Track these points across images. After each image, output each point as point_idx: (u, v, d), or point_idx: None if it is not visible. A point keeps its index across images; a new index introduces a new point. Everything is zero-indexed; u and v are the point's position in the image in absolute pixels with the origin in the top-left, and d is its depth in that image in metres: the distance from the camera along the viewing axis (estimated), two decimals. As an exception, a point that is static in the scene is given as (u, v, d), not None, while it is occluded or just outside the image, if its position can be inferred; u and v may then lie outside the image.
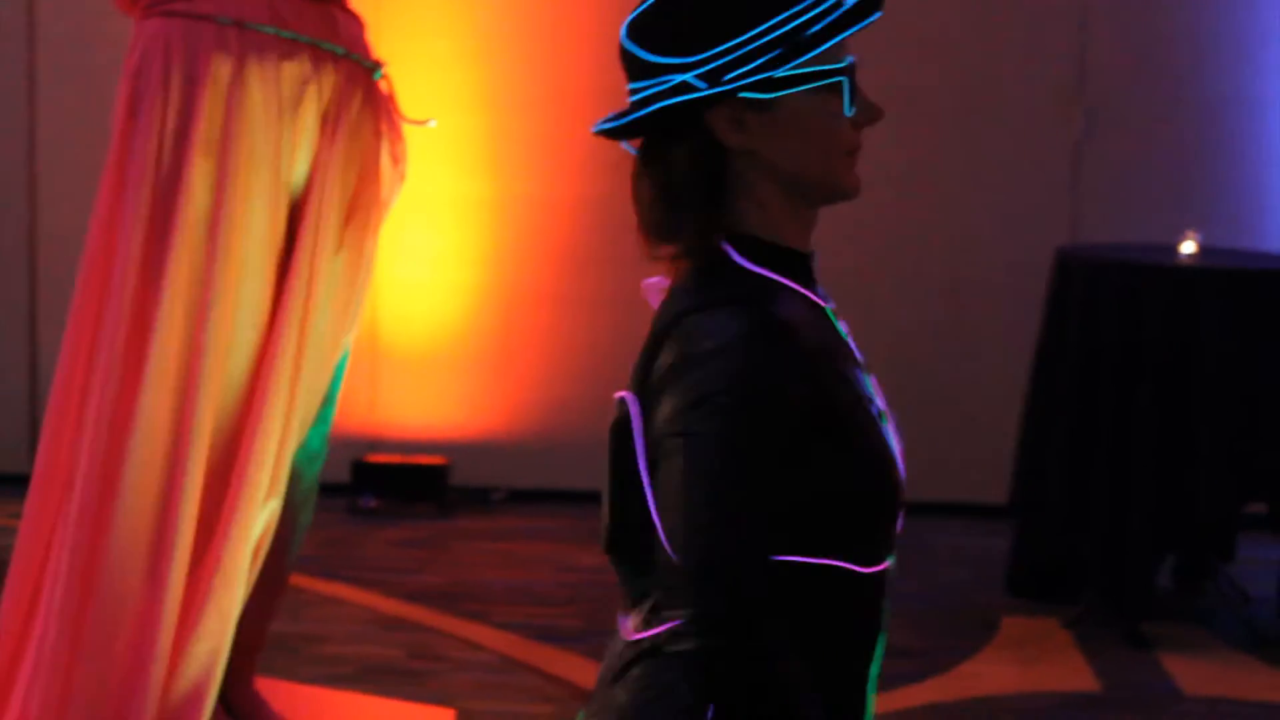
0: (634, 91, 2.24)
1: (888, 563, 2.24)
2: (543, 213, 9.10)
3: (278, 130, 4.24)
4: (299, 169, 4.31)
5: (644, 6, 2.24)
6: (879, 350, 9.47)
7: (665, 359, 2.16)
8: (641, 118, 2.21)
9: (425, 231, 8.75)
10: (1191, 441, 7.04)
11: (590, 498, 7.46)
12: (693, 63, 2.17)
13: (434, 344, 9.04)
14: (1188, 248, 7.48)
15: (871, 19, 2.23)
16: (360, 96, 4.36)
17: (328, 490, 5.01)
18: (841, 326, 2.34)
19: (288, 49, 4.23)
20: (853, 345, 2.36)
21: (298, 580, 4.38)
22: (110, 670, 4.15)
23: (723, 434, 2.10)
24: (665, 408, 2.12)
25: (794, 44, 2.16)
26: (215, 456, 4.26)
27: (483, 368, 9.02)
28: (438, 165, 8.54)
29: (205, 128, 4.17)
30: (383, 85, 4.43)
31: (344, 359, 4.58)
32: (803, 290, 2.27)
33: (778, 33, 2.16)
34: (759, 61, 2.16)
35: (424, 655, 6.89)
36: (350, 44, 4.34)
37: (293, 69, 4.23)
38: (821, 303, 2.31)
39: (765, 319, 2.15)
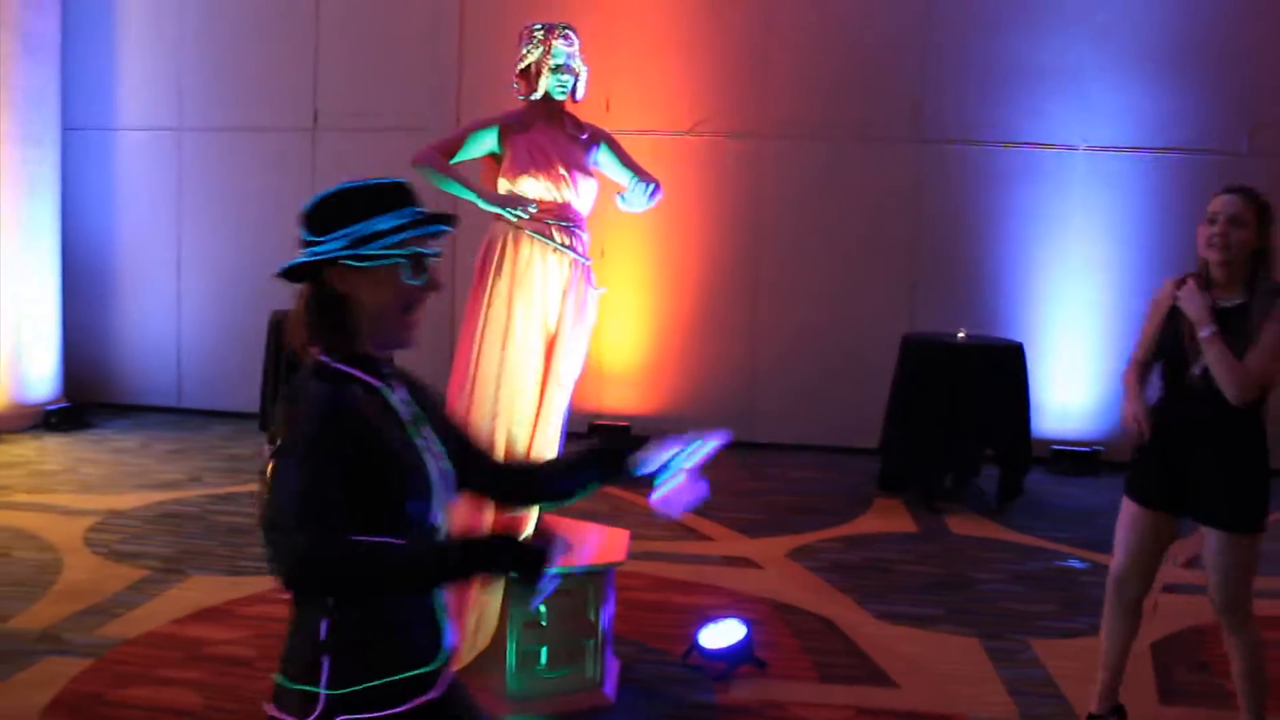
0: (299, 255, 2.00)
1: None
2: (680, 287, 9.00)
3: (544, 285, 4.00)
4: (554, 305, 4.05)
5: (311, 203, 2.01)
6: (804, 375, 9.11)
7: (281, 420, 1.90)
8: (296, 268, 1.99)
9: (617, 310, 8.58)
10: (960, 423, 7.13)
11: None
12: (321, 240, 1.96)
13: (624, 370, 8.96)
14: (960, 334, 7.53)
15: (433, 230, 2.00)
16: (581, 272, 4.08)
17: (582, 436, 4.77)
18: (394, 397, 2.05)
19: (553, 248, 4.00)
20: (401, 409, 2.05)
21: None
22: (471, 503, 3.68)
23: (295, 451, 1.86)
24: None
25: (385, 236, 1.94)
26: (523, 423, 4.06)
27: (646, 380, 9.07)
28: (614, 278, 8.80)
29: (509, 275, 3.99)
30: (590, 267, 4.13)
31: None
32: (366, 378, 2.00)
33: (384, 227, 1.94)
34: (366, 246, 1.94)
35: (619, 509, 6.82)
36: (576, 247, 4.05)
37: (555, 257, 4.00)
38: (378, 384, 2.03)
39: (324, 393, 1.92)
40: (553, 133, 4.14)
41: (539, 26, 4.18)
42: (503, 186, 4.10)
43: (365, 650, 1.91)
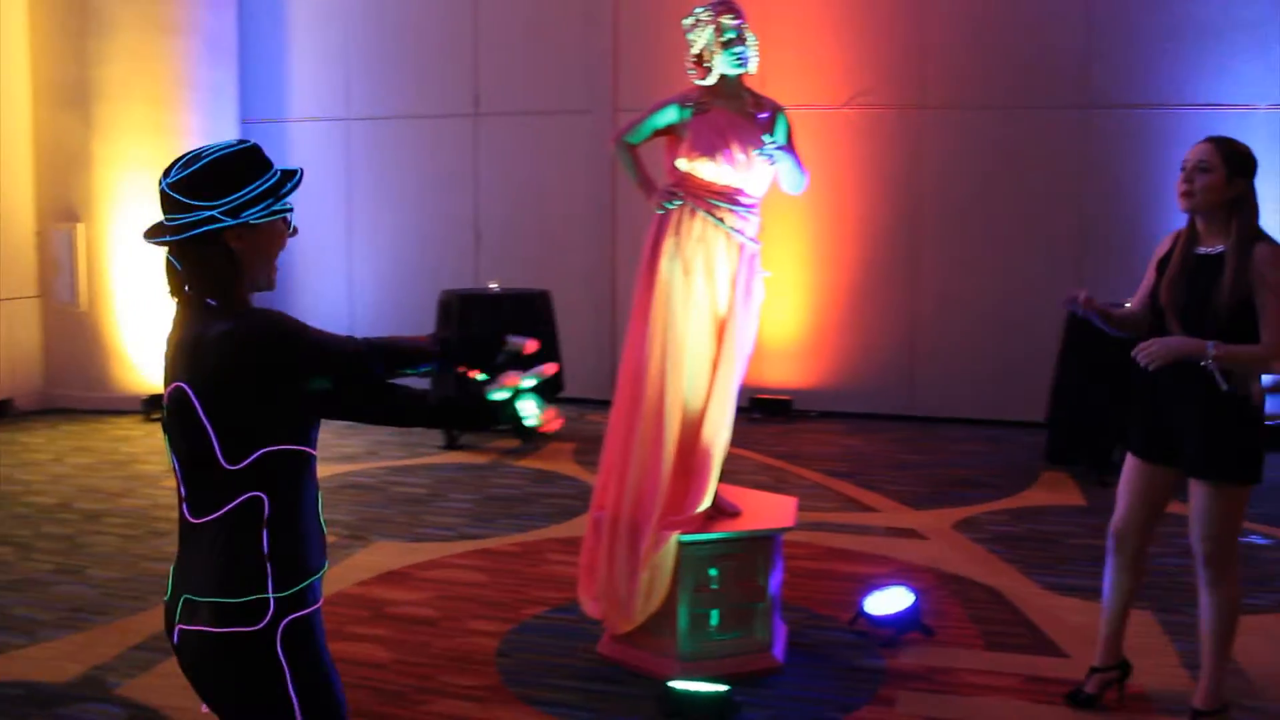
0: (174, 218, 2.05)
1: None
2: (839, 261, 9.03)
3: (713, 266, 4.03)
4: (723, 289, 4.06)
5: (187, 172, 2.04)
6: (966, 348, 8.91)
7: (223, 354, 1.99)
8: (187, 235, 2.04)
9: (777, 285, 8.66)
10: (1124, 395, 6.94)
11: (854, 416, 7.81)
12: (215, 204, 2.02)
13: (784, 344, 8.97)
14: (1128, 303, 7.28)
15: (299, 184, 2.12)
16: (750, 256, 4.08)
17: (744, 410, 4.84)
18: None
19: (724, 230, 4.01)
20: None
21: (734, 450, 4.45)
22: (644, 472, 4.09)
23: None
24: (255, 361, 1.99)
25: (274, 196, 2.07)
26: (695, 398, 4.10)
27: (806, 354, 9.12)
28: (773, 253, 8.85)
29: (684, 251, 3.99)
30: (757, 248, 4.13)
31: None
32: None
33: (266, 187, 2.06)
34: (259, 205, 2.05)
35: (783, 480, 6.94)
36: (746, 231, 4.06)
37: (724, 240, 4.02)
38: None
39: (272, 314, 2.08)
40: (731, 114, 4.14)
41: (701, 9, 4.17)
42: (682, 166, 4.12)
43: (293, 557, 2.09)
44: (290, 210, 2.15)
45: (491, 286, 8.43)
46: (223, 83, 9.59)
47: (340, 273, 10.35)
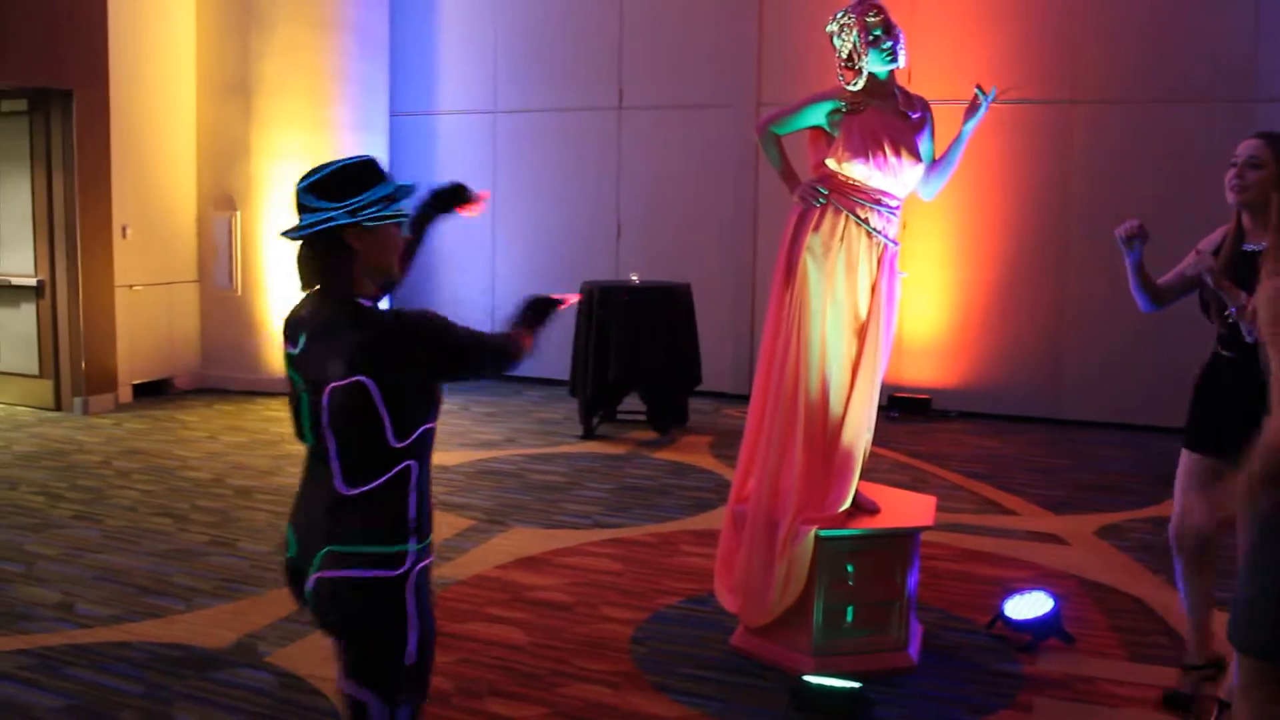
0: (304, 218, 2.31)
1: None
2: (983, 259, 8.89)
3: (853, 265, 4.01)
4: (864, 290, 4.05)
5: (315, 178, 2.31)
6: (1115, 351, 8.59)
7: (393, 347, 2.25)
8: (315, 232, 2.29)
9: (918, 283, 8.50)
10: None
11: (994, 417, 7.63)
12: (339, 206, 2.28)
13: (924, 342, 8.91)
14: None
15: (409, 195, 2.40)
16: (890, 257, 4.05)
17: (882, 408, 4.76)
18: None
19: (866, 230, 3.99)
20: None
21: (872, 448, 4.35)
22: (780, 465, 4.11)
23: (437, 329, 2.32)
24: (417, 346, 2.27)
25: (387, 202, 2.32)
26: (836, 398, 4.08)
27: (946, 353, 9.02)
28: (915, 249, 8.80)
29: (825, 248, 3.99)
30: (896, 249, 4.10)
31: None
32: None
33: (382, 195, 2.32)
34: (372, 209, 2.30)
35: (921, 480, 6.85)
36: (888, 232, 4.03)
37: (866, 242, 3.99)
38: None
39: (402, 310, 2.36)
40: (886, 115, 4.11)
41: (842, 13, 4.15)
42: (831, 165, 4.11)
43: (426, 515, 2.41)
44: (404, 216, 2.40)
45: (632, 278, 8.49)
46: (374, 76, 9.89)
47: (484, 264, 10.56)
